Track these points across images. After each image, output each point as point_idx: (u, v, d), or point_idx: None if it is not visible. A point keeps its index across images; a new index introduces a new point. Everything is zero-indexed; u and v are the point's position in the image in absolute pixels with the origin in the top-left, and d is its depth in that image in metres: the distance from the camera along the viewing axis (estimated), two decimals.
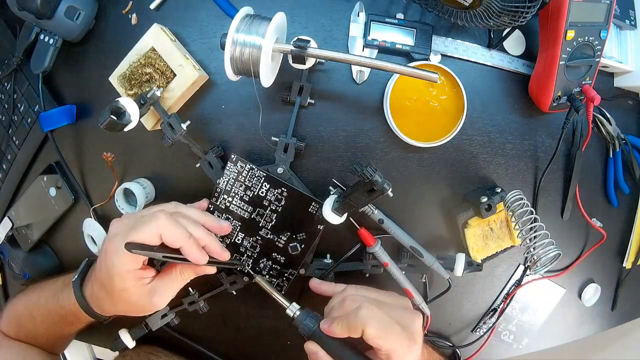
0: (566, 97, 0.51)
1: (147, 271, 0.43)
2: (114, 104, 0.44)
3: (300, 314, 0.44)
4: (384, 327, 0.39)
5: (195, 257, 0.41)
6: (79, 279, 0.47)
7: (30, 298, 0.52)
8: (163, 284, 0.44)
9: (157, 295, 0.43)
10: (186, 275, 0.45)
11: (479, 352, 0.60)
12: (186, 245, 0.41)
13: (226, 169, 0.49)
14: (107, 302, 0.44)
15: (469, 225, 0.53)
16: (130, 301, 0.43)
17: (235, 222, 0.51)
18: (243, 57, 0.42)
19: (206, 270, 0.46)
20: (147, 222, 0.40)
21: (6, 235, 0.61)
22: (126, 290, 0.42)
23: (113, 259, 0.41)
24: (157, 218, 0.40)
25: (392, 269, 0.52)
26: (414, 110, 0.50)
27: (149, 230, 0.39)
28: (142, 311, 0.45)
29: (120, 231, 0.41)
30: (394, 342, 0.39)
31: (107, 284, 0.42)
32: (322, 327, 0.42)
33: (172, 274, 0.44)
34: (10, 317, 0.53)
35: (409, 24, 0.50)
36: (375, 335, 0.39)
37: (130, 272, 0.41)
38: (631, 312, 0.66)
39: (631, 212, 0.62)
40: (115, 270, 0.41)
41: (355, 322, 0.39)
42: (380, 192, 0.42)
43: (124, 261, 0.40)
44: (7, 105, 0.59)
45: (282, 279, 0.52)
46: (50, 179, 0.57)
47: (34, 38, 0.52)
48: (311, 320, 0.44)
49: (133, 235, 0.39)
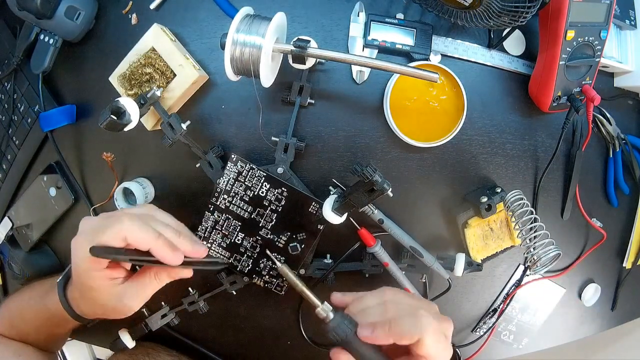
0: (566, 97, 0.51)
1: (116, 271, 0.41)
2: (114, 104, 0.44)
3: (335, 316, 0.38)
4: (438, 337, 0.37)
5: (167, 257, 0.38)
6: (63, 280, 0.46)
7: (22, 298, 0.52)
8: (135, 287, 0.42)
9: (127, 298, 0.41)
10: (161, 278, 0.42)
11: (479, 352, 0.60)
12: (155, 246, 0.38)
13: (226, 168, 0.49)
14: (81, 303, 0.43)
15: (469, 225, 0.53)
16: (99, 302, 0.41)
17: (235, 222, 0.51)
18: (243, 57, 0.42)
19: (182, 274, 0.43)
20: (110, 225, 0.38)
21: (6, 235, 0.61)
22: (95, 290, 0.40)
23: (77, 258, 0.40)
24: (120, 221, 0.38)
25: (392, 268, 0.52)
26: (414, 110, 0.50)
27: (112, 233, 0.38)
28: (115, 314, 0.43)
29: (87, 230, 0.40)
30: (442, 353, 0.37)
31: (78, 284, 0.42)
32: (361, 334, 0.37)
33: (145, 277, 0.42)
34: (4, 317, 0.52)
35: (409, 24, 0.50)
36: (431, 345, 0.36)
37: (97, 271, 0.40)
38: (631, 312, 0.66)
39: (631, 212, 0.62)
40: (81, 269, 0.40)
41: (413, 329, 0.36)
42: (380, 192, 0.42)
43: (87, 261, 0.39)
44: (7, 105, 0.59)
45: (282, 279, 0.52)
46: (50, 179, 0.57)
47: (34, 38, 0.52)
48: (348, 325, 0.37)
49: (98, 237, 0.38)
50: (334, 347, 0.38)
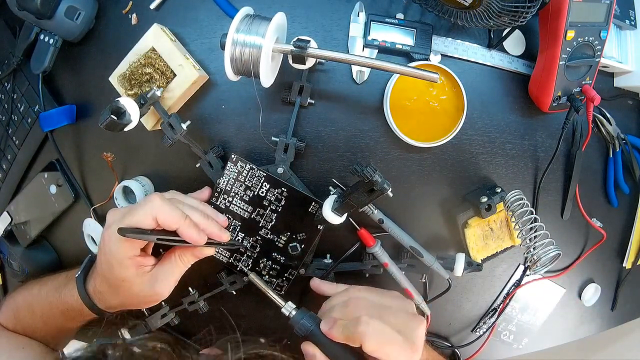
0: (566, 97, 0.51)
1: (146, 258, 0.43)
2: (114, 104, 0.44)
3: (296, 314, 0.44)
4: (384, 340, 0.38)
5: (193, 237, 0.41)
6: (82, 275, 0.47)
7: (30, 291, 0.52)
8: (164, 270, 0.43)
9: (158, 282, 0.43)
10: (185, 259, 0.44)
11: (479, 352, 0.60)
12: (182, 226, 0.40)
13: (226, 169, 0.49)
14: (110, 295, 0.44)
15: (469, 225, 0.53)
16: (132, 292, 0.42)
17: (235, 222, 0.51)
18: (243, 57, 0.42)
19: (205, 252, 0.45)
20: (141, 205, 0.40)
21: (5, 230, 0.61)
22: (127, 280, 0.42)
23: (111, 247, 0.41)
24: (151, 201, 0.40)
25: (392, 269, 0.52)
26: (414, 110, 0.50)
27: (143, 213, 0.39)
28: (145, 302, 0.45)
29: (116, 219, 0.41)
30: (394, 354, 0.38)
31: (109, 275, 0.42)
32: (322, 329, 0.41)
33: (171, 259, 0.44)
34: (9, 310, 0.53)
35: (409, 24, 0.50)
36: (374, 349, 0.38)
37: (129, 259, 0.41)
38: (631, 312, 0.66)
39: (631, 212, 0.62)
40: (114, 258, 0.41)
41: (353, 335, 0.39)
42: (380, 192, 0.42)
43: (121, 248, 0.40)
44: (7, 105, 0.59)
45: (282, 279, 0.52)
46: (51, 177, 0.57)
47: (34, 38, 0.52)
48: (308, 320, 0.43)
49: (127, 219, 0.39)
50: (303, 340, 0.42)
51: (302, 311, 0.44)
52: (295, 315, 0.44)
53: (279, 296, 0.46)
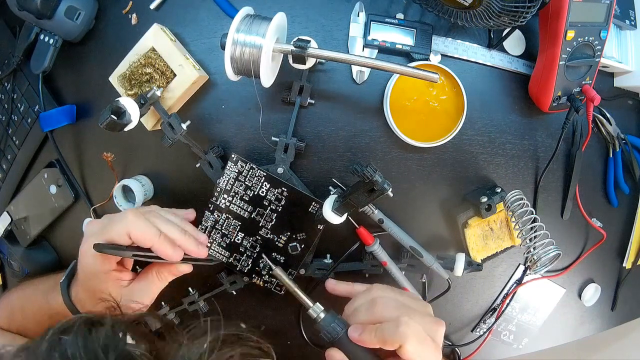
0: (566, 97, 0.51)
1: (123, 273, 0.43)
2: (114, 103, 0.44)
3: (325, 317, 0.40)
4: (422, 343, 0.37)
5: (167, 253, 0.40)
6: (67, 280, 0.46)
7: (24, 292, 0.53)
8: (140, 286, 0.43)
9: (135, 297, 0.42)
10: (163, 276, 0.44)
11: (479, 352, 0.60)
12: (156, 243, 0.40)
13: (226, 168, 0.49)
14: (90, 304, 0.44)
15: (469, 225, 0.53)
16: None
17: (235, 221, 0.51)
18: (243, 57, 0.42)
19: (182, 269, 0.44)
20: (116, 221, 0.40)
21: (5, 230, 0.61)
22: (104, 292, 0.41)
23: (87, 260, 0.41)
24: (125, 217, 0.40)
25: (391, 267, 0.52)
26: (414, 110, 0.50)
27: (117, 229, 0.39)
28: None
29: (94, 232, 0.41)
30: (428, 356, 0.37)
31: (86, 286, 0.43)
32: (351, 335, 0.38)
33: (148, 276, 0.44)
34: (4, 309, 0.53)
35: (409, 24, 0.50)
36: (414, 352, 0.36)
37: (105, 273, 0.41)
38: (631, 312, 0.66)
39: (631, 212, 0.62)
40: (89, 271, 0.41)
41: (394, 337, 0.36)
42: (381, 192, 0.42)
43: (96, 262, 0.41)
44: (7, 105, 0.59)
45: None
46: (51, 177, 0.57)
47: (34, 38, 0.52)
48: (339, 324, 0.39)
49: (103, 234, 0.39)
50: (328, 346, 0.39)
51: (332, 314, 0.40)
52: (325, 319, 0.40)
53: (306, 296, 0.41)
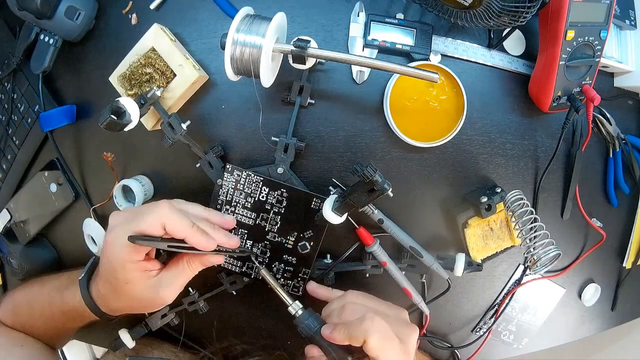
0: (566, 97, 0.51)
1: (151, 263, 0.43)
2: (114, 103, 0.44)
3: (302, 314, 0.44)
4: (385, 340, 0.39)
5: (202, 243, 0.40)
6: (86, 277, 0.46)
7: (31, 289, 0.52)
8: (170, 275, 0.43)
9: (163, 287, 0.42)
10: (194, 266, 0.44)
11: (479, 352, 0.60)
12: (190, 233, 0.40)
13: (223, 179, 0.49)
14: (112, 298, 0.44)
15: (469, 225, 0.53)
16: (135, 295, 0.42)
17: (242, 230, 0.51)
18: (243, 57, 0.42)
19: (213, 260, 0.45)
20: (149, 212, 0.40)
21: (4, 227, 0.61)
22: (130, 282, 0.41)
23: (114, 250, 0.40)
24: (159, 207, 0.40)
25: (391, 267, 0.52)
26: (414, 110, 0.50)
27: (152, 220, 0.39)
28: (149, 306, 0.44)
29: (120, 222, 0.41)
30: (392, 356, 0.39)
31: (111, 278, 0.42)
32: (323, 333, 0.42)
33: (179, 265, 0.44)
34: (8, 306, 0.53)
35: (409, 24, 0.50)
36: (376, 347, 0.39)
37: (133, 263, 0.41)
38: (631, 312, 0.66)
39: (631, 212, 0.62)
40: (117, 262, 0.41)
41: (357, 332, 0.39)
42: (381, 192, 0.42)
43: (124, 252, 0.40)
44: (7, 105, 0.59)
45: (298, 279, 0.52)
46: (52, 175, 0.57)
47: (34, 38, 0.52)
48: (313, 321, 0.43)
49: (135, 226, 0.39)
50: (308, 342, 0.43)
51: (309, 312, 0.44)
52: (301, 315, 0.44)
53: (287, 294, 0.46)
